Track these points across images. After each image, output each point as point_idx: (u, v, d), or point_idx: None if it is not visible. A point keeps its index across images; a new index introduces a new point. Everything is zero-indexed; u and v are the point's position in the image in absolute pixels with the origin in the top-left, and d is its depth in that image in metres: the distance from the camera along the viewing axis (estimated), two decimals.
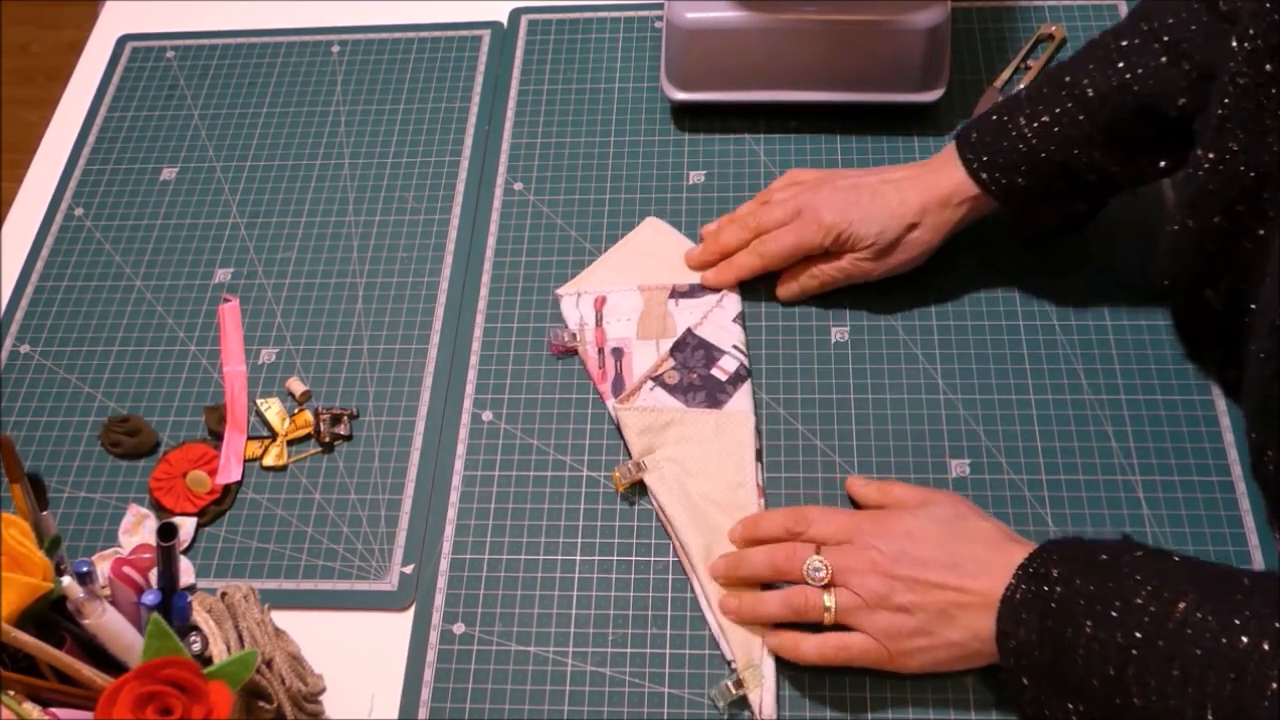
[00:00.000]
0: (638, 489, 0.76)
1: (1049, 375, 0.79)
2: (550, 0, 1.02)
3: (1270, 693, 0.53)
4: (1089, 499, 0.74)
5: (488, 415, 0.81)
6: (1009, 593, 0.62)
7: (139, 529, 0.78)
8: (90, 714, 0.54)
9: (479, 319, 0.85)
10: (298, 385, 0.83)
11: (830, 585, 0.66)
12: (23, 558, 0.57)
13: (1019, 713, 0.65)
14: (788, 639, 0.68)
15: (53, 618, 0.59)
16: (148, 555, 0.62)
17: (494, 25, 1.02)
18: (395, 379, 0.83)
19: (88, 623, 0.57)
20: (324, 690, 0.67)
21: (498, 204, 0.91)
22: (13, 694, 0.55)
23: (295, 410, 0.82)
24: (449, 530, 0.76)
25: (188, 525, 0.77)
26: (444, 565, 0.75)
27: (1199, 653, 0.55)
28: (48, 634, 0.57)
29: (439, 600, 0.74)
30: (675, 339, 0.81)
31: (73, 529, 0.78)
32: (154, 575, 0.62)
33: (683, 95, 0.91)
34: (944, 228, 0.79)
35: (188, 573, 0.75)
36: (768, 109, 0.92)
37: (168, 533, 0.59)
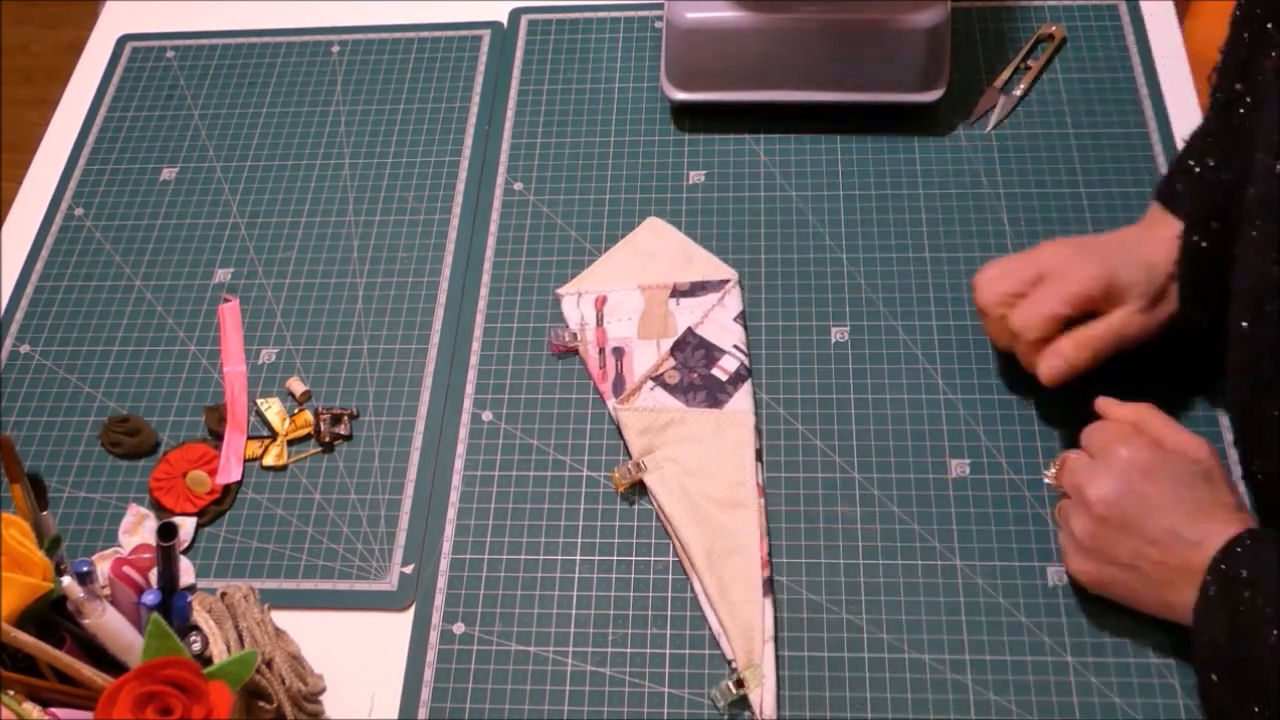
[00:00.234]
0: (638, 489, 0.76)
1: None
2: (550, 0, 1.02)
3: None
4: None
5: (488, 415, 0.81)
6: (1204, 588, 0.62)
7: (139, 529, 0.78)
8: (90, 714, 0.54)
9: (479, 319, 0.85)
10: (298, 385, 0.83)
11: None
12: (23, 558, 0.57)
13: (1205, 708, 0.65)
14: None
15: (53, 618, 0.59)
16: (148, 555, 0.62)
17: (494, 25, 1.02)
18: (395, 379, 0.83)
19: (88, 623, 0.57)
20: (324, 690, 0.67)
21: (498, 204, 0.91)
22: (13, 694, 0.55)
23: (295, 410, 0.82)
24: (449, 530, 0.76)
25: (188, 525, 0.77)
26: (444, 565, 0.75)
27: None
28: (48, 634, 0.57)
29: (439, 600, 0.74)
30: (676, 338, 0.81)
31: (73, 529, 0.78)
32: (154, 575, 0.62)
33: (683, 95, 0.91)
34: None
35: (188, 573, 0.75)
36: (768, 109, 0.92)
37: (168, 533, 0.59)
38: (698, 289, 0.84)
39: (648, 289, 0.84)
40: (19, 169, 1.01)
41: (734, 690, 0.68)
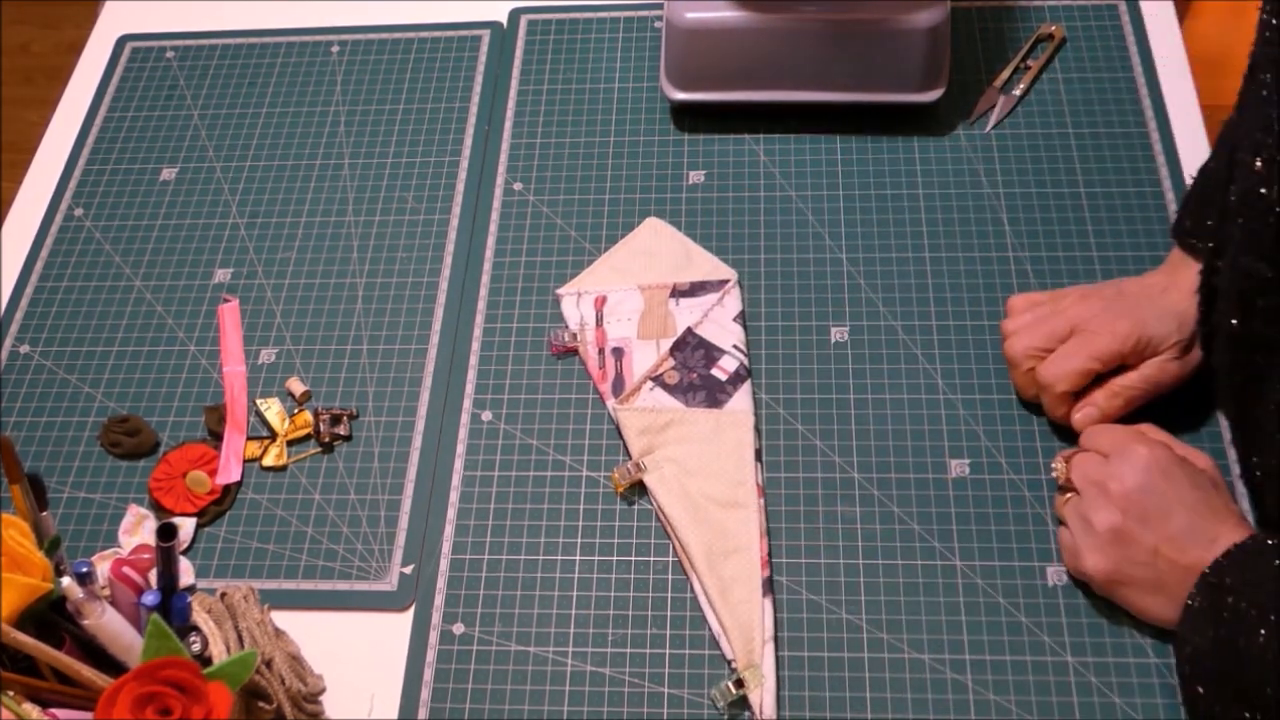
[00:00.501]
0: (637, 489, 0.76)
1: None
2: (550, 0, 1.02)
3: None
4: None
5: (487, 415, 0.81)
6: (1189, 600, 0.63)
7: (139, 529, 0.78)
8: (90, 714, 0.54)
9: (479, 319, 0.85)
10: (297, 385, 0.83)
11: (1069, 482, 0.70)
12: (23, 558, 0.57)
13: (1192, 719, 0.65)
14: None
15: (52, 618, 0.59)
16: (147, 555, 0.62)
17: (494, 25, 1.02)
18: (395, 379, 0.83)
19: (87, 623, 0.57)
20: (324, 690, 0.67)
21: (497, 204, 0.91)
22: (13, 694, 0.55)
23: (295, 410, 0.82)
24: (449, 530, 0.76)
25: (187, 525, 0.77)
26: (444, 565, 0.75)
27: None
28: (47, 634, 0.57)
29: (439, 600, 0.74)
30: (676, 338, 0.81)
31: (73, 529, 0.78)
32: (154, 575, 0.62)
33: (683, 95, 0.91)
34: None
35: (187, 573, 0.75)
36: (768, 109, 0.92)
37: (167, 533, 0.59)
38: (697, 289, 0.84)
39: (647, 289, 0.84)
40: (19, 169, 1.01)
41: (734, 690, 0.68)
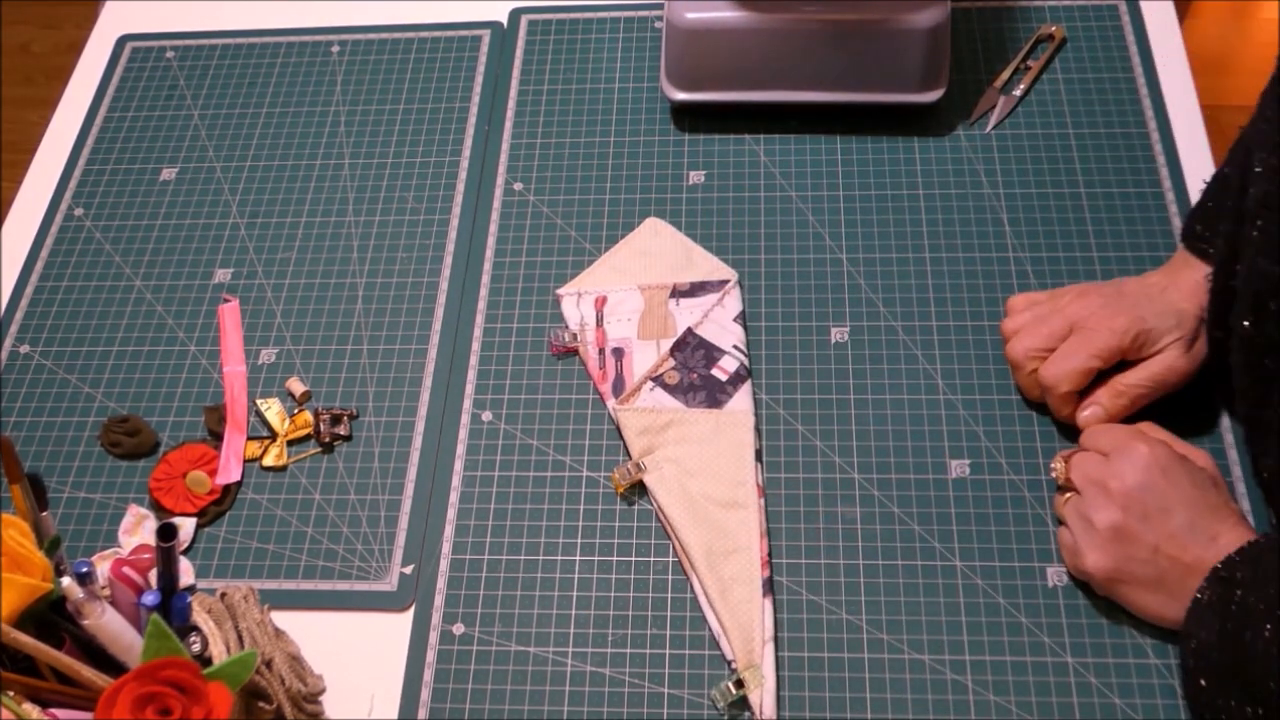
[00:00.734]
0: (638, 489, 0.76)
1: None
2: (550, 0, 1.02)
3: None
4: None
5: (488, 415, 0.81)
6: (1198, 594, 0.63)
7: (139, 529, 0.78)
8: (90, 714, 0.54)
9: (479, 319, 0.85)
10: (298, 385, 0.83)
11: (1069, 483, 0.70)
12: (23, 558, 0.57)
13: (1195, 713, 0.65)
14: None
15: (52, 618, 0.59)
16: (147, 555, 0.62)
17: (494, 25, 1.02)
18: (395, 379, 0.83)
19: (87, 623, 0.57)
20: (324, 690, 0.67)
21: (498, 204, 0.91)
22: (13, 694, 0.55)
23: (295, 410, 0.82)
24: (449, 530, 0.76)
25: (187, 526, 0.77)
26: (444, 565, 0.75)
27: None
28: (47, 634, 0.57)
29: (439, 601, 0.74)
30: (676, 339, 0.81)
31: (73, 529, 0.78)
32: (154, 576, 0.62)
33: (683, 95, 0.91)
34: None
35: (187, 573, 0.75)
36: (768, 109, 0.92)
37: (167, 533, 0.59)
38: (698, 289, 0.84)
39: (648, 289, 0.84)
40: (19, 169, 1.02)
41: (734, 691, 0.68)
